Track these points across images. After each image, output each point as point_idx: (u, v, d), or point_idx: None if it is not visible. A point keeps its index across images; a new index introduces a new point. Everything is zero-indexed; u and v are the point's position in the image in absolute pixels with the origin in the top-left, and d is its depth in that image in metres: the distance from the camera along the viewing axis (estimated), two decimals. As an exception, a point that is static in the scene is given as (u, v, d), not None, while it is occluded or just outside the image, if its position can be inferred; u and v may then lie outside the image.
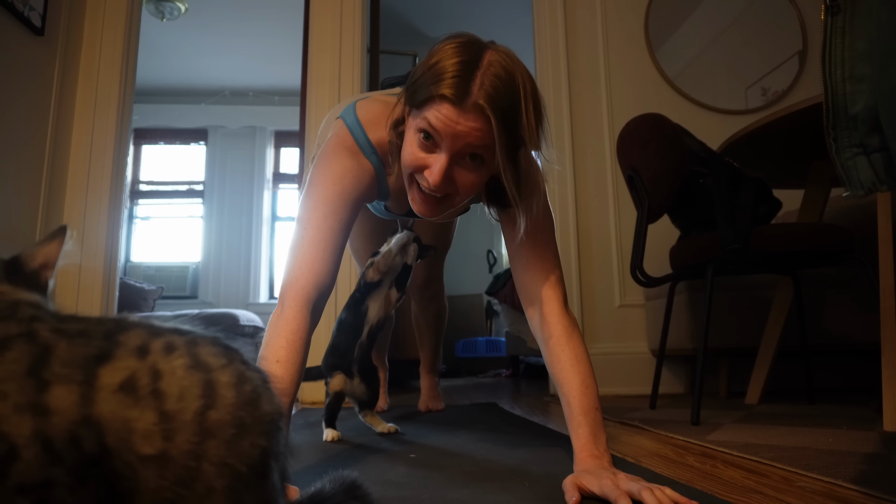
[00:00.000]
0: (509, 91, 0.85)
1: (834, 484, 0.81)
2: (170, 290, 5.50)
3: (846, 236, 1.56)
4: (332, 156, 1.02)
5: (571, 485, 0.75)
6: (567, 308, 0.99)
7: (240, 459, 0.41)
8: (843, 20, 0.62)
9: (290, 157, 6.05)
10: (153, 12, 4.21)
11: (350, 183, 1.01)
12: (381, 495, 0.78)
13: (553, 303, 0.97)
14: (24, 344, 0.38)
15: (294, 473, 0.91)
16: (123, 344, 0.41)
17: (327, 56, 2.56)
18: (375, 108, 1.06)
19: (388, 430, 1.37)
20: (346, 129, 1.04)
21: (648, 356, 2.45)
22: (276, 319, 0.92)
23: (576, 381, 0.89)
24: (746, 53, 2.77)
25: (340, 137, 1.04)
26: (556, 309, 0.97)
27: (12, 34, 2.06)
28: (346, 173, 1.01)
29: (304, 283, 0.93)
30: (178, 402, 0.40)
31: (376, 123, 1.03)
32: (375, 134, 1.03)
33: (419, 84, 0.88)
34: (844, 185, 0.65)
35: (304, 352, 0.91)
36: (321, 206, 0.98)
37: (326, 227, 0.97)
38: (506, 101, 0.84)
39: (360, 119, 1.04)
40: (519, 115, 0.86)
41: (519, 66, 0.88)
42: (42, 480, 0.36)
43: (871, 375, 1.50)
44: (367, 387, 1.38)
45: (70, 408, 0.37)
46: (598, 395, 0.91)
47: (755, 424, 1.43)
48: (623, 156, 1.89)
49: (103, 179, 2.37)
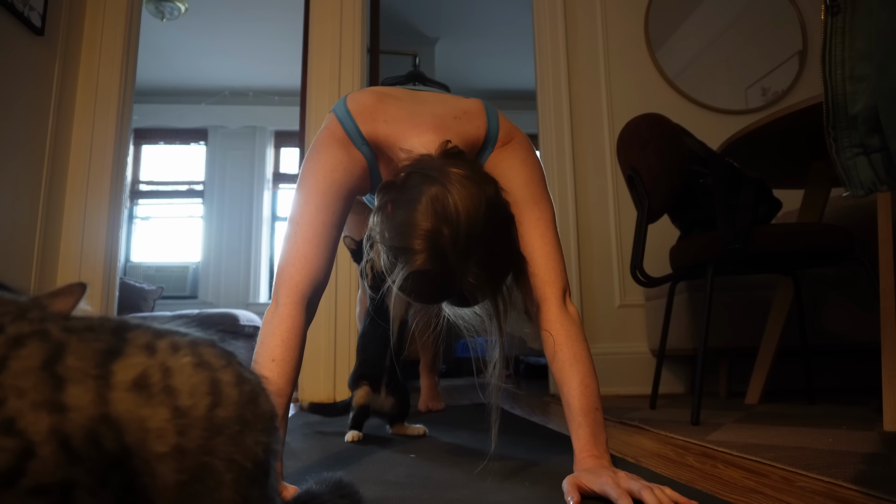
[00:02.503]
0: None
1: (834, 484, 0.81)
2: (170, 290, 5.50)
3: (846, 236, 1.56)
4: (322, 148, 1.00)
5: (571, 484, 0.75)
6: (568, 303, 0.95)
7: (245, 456, 0.42)
8: (844, 20, 0.62)
9: (290, 157, 6.05)
10: (153, 12, 4.21)
11: (341, 175, 0.98)
12: (381, 495, 0.78)
13: (552, 300, 0.94)
14: (38, 341, 0.38)
15: (294, 473, 0.91)
16: (132, 341, 0.42)
17: (327, 56, 2.56)
18: (366, 99, 1.03)
19: (419, 433, 1.32)
20: (337, 121, 1.02)
21: (648, 356, 2.45)
22: (271, 317, 0.90)
23: (575, 380, 0.88)
24: (746, 53, 2.77)
25: (331, 129, 1.02)
26: (554, 306, 0.94)
27: (12, 34, 2.06)
28: (337, 165, 0.98)
29: (298, 280, 0.92)
30: (189, 398, 0.40)
31: (367, 115, 1.00)
32: (367, 125, 1.00)
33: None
34: (844, 185, 0.65)
35: (300, 349, 0.90)
36: (312, 200, 0.96)
37: (319, 222, 0.95)
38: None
39: (350, 111, 1.02)
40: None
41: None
42: (61, 481, 0.35)
43: (871, 375, 1.50)
44: (396, 399, 1.32)
45: (87, 406, 0.37)
46: (599, 394, 0.90)
47: (755, 424, 1.43)
48: (623, 156, 1.89)
49: (103, 179, 2.37)
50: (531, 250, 0.97)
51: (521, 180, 1.00)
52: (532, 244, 0.97)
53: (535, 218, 0.98)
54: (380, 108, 1.01)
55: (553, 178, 2.58)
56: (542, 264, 0.96)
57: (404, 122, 0.99)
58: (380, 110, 1.01)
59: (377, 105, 1.02)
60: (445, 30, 4.67)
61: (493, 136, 1.02)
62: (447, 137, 0.95)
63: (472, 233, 0.79)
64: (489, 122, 1.03)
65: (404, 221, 0.80)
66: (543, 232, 0.98)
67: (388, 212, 0.84)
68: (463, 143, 0.97)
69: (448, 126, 0.98)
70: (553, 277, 0.95)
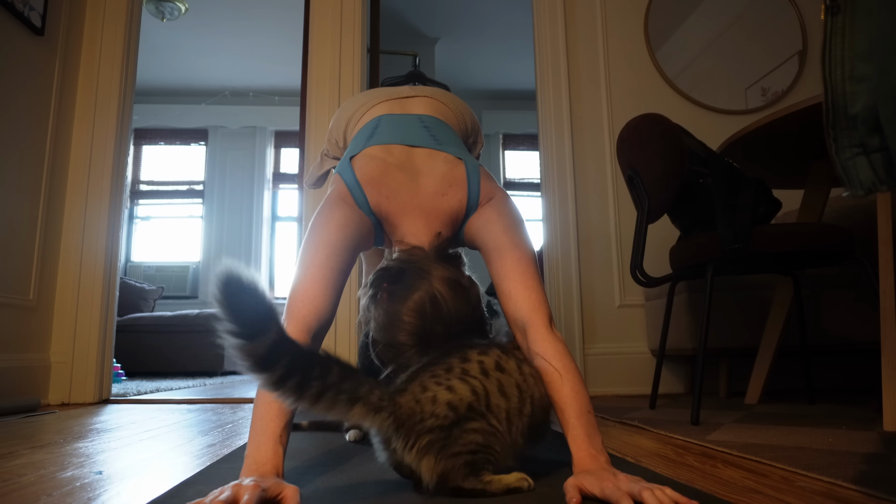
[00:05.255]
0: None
1: (834, 484, 0.81)
2: (170, 289, 5.51)
3: (846, 236, 1.56)
4: (334, 206, 1.06)
5: (573, 487, 0.75)
6: (553, 328, 1.00)
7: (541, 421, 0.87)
8: (843, 20, 0.62)
9: (290, 157, 6.05)
10: (153, 12, 4.21)
11: (352, 232, 1.05)
12: (381, 495, 0.78)
13: (539, 323, 0.98)
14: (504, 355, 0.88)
15: (294, 473, 0.91)
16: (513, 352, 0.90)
17: (327, 56, 2.56)
18: (373, 170, 1.10)
19: None
20: (346, 187, 1.09)
21: (648, 356, 2.46)
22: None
23: (566, 388, 0.90)
24: (746, 53, 2.77)
25: (341, 193, 1.08)
26: (542, 328, 0.98)
27: (12, 34, 2.06)
28: (349, 223, 1.05)
29: (306, 314, 0.95)
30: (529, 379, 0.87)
31: (374, 187, 1.08)
32: (373, 198, 1.08)
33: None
34: (844, 185, 0.65)
35: None
36: (323, 249, 1.01)
37: (328, 267, 0.99)
38: None
39: (359, 179, 1.09)
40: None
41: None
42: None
43: (871, 375, 1.50)
44: None
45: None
46: (590, 401, 0.92)
47: (755, 424, 1.43)
48: (623, 156, 1.89)
49: (103, 179, 2.37)
50: (514, 286, 1.03)
51: (500, 228, 1.08)
52: (515, 280, 1.03)
53: (516, 258, 1.05)
54: (384, 182, 1.09)
55: (553, 178, 2.58)
56: (526, 296, 1.01)
57: (401, 202, 1.09)
58: (384, 184, 1.08)
59: (382, 179, 1.09)
60: (445, 30, 4.67)
61: (474, 202, 1.12)
62: (436, 225, 1.08)
63: (454, 330, 0.92)
64: (470, 190, 1.12)
65: (395, 314, 0.92)
66: (525, 270, 1.04)
67: (383, 301, 0.96)
68: (450, 219, 1.10)
69: (437, 209, 1.09)
70: (538, 306, 1.00)
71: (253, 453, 0.78)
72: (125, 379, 3.55)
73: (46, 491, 0.82)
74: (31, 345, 2.14)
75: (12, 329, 2.04)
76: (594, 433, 0.86)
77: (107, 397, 2.31)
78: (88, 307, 2.28)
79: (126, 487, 0.85)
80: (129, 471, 0.97)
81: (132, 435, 1.40)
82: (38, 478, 0.91)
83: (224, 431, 1.48)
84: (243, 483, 0.69)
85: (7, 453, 1.14)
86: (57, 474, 0.94)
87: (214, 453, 1.15)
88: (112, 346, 2.36)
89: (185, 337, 4.33)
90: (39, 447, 1.21)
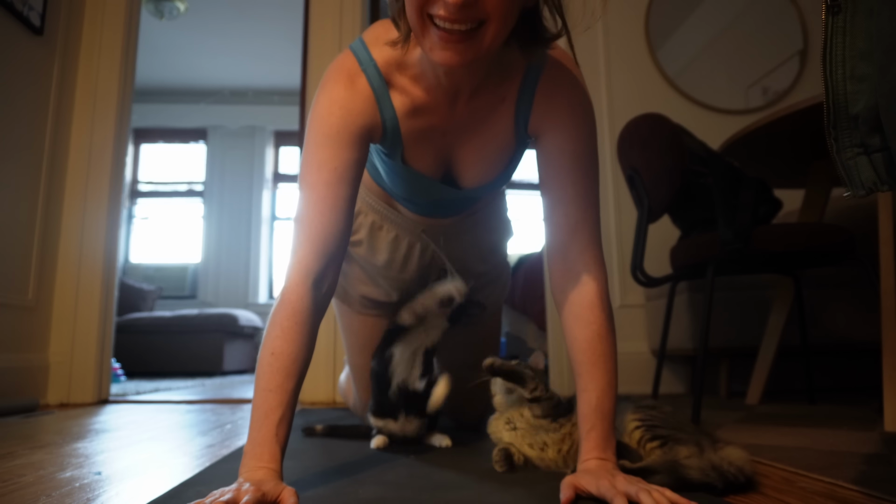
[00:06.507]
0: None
1: (835, 484, 0.81)
2: (169, 290, 5.50)
3: (846, 236, 1.56)
4: (320, 93, 0.90)
5: (568, 484, 0.75)
6: (607, 297, 0.88)
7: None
8: (844, 20, 0.62)
9: (290, 157, 6.05)
10: (153, 12, 4.21)
11: (339, 118, 0.87)
12: (381, 495, 0.78)
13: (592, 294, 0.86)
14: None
15: (294, 473, 0.91)
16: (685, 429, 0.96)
17: (327, 56, 2.55)
18: (381, 27, 0.93)
19: (442, 444, 1.21)
20: (349, 51, 0.93)
21: (649, 356, 2.45)
22: (275, 304, 0.84)
23: (603, 380, 0.83)
24: (746, 53, 2.77)
25: (340, 60, 0.92)
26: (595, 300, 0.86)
27: (11, 34, 2.06)
28: (333, 107, 0.88)
29: (302, 255, 0.84)
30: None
31: (382, 39, 0.90)
32: (380, 52, 0.90)
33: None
34: (845, 185, 0.65)
35: (304, 337, 0.81)
36: (311, 158, 0.87)
37: (321, 182, 0.86)
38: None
39: (365, 40, 0.93)
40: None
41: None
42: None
43: (871, 375, 1.50)
44: (419, 419, 1.19)
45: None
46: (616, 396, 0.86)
47: (755, 424, 1.42)
48: (623, 156, 1.88)
49: (102, 179, 2.36)
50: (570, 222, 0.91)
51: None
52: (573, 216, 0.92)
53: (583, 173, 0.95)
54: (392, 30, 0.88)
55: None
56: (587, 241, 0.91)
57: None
58: (392, 31, 0.87)
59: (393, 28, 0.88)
60: (445, 30, 4.66)
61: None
62: None
63: None
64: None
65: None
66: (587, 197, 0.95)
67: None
68: None
69: None
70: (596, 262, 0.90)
71: (251, 451, 0.75)
72: (125, 379, 3.55)
73: (45, 491, 0.82)
74: (29, 345, 2.13)
75: (11, 329, 2.04)
76: (611, 437, 0.82)
77: (106, 398, 2.31)
78: (87, 307, 2.28)
79: (125, 488, 0.85)
80: (129, 471, 0.97)
81: (131, 435, 1.40)
82: (37, 478, 0.91)
83: (223, 432, 1.48)
84: (243, 488, 0.69)
85: (6, 454, 1.13)
86: (56, 475, 0.93)
87: (214, 454, 1.15)
88: (111, 347, 2.36)
89: (185, 337, 4.33)
90: (38, 448, 1.21)
